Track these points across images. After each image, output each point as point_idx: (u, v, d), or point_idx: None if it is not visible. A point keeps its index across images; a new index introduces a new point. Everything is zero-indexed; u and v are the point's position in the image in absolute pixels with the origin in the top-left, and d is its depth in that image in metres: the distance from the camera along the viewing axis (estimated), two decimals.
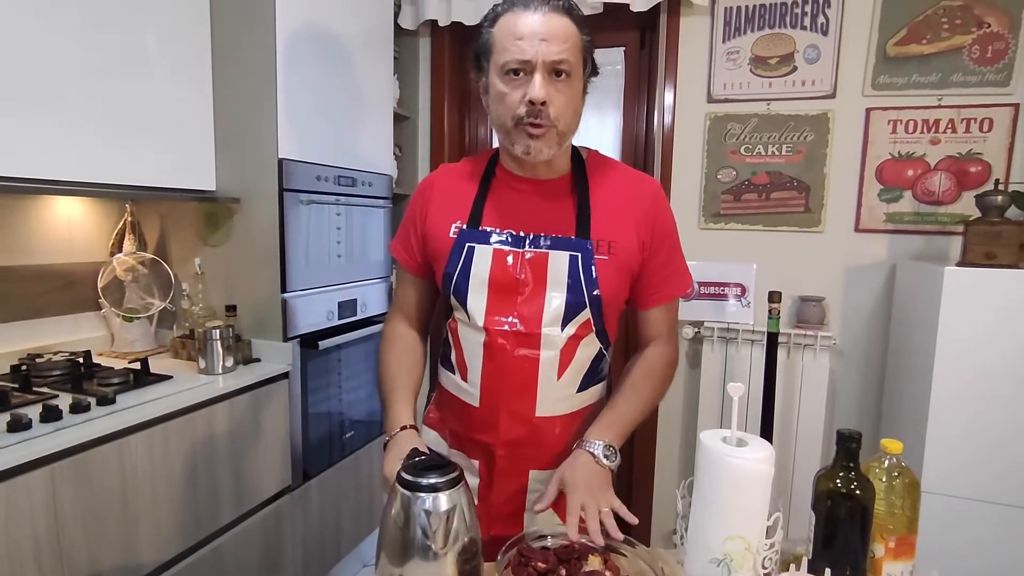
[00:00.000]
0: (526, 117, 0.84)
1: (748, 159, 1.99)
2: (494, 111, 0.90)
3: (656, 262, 0.95)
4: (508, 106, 0.86)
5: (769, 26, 1.93)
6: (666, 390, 1.00)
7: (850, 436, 0.78)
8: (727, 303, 2.02)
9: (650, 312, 0.98)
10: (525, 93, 0.83)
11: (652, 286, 0.96)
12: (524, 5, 0.84)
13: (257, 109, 1.59)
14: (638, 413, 0.95)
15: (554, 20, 0.83)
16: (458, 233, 0.94)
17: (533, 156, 0.87)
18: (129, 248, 1.70)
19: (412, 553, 0.67)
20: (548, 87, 0.83)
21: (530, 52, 0.82)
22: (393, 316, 1.09)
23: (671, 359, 1.00)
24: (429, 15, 2.18)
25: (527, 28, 0.82)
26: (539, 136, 0.86)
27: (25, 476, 1.03)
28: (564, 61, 0.83)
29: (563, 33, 0.83)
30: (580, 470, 0.86)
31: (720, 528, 0.76)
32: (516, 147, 0.88)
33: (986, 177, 1.77)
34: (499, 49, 0.85)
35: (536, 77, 0.83)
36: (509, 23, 0.84)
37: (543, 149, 0.87)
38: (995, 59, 1.74)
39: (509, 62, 0.84)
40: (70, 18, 1.29)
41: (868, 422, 1.94)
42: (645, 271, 0.95)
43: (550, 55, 0.82)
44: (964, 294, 1.47)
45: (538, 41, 0.82)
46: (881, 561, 0.79)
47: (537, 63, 0.82)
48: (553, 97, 0.84)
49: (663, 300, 0.98)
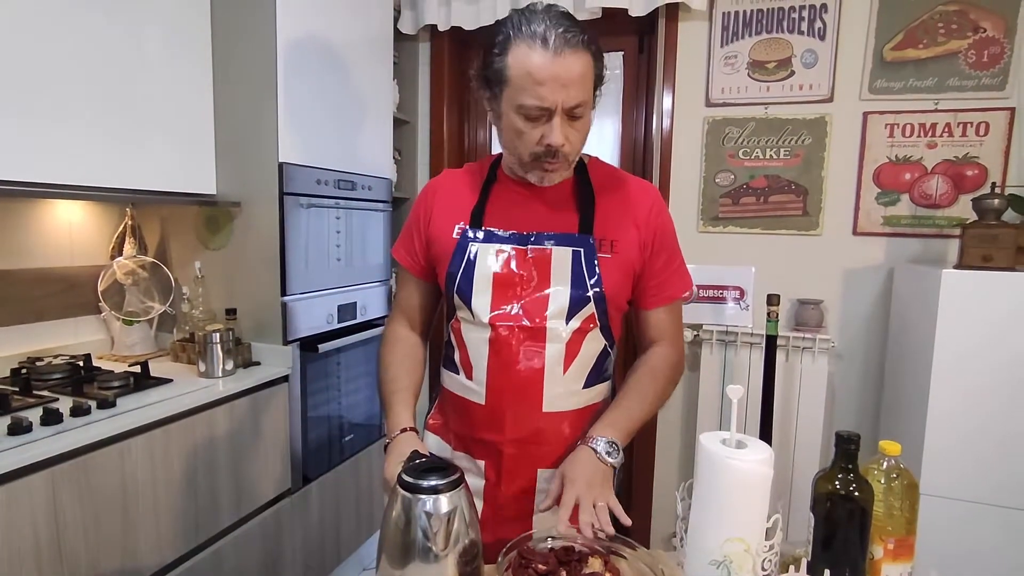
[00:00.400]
0: (543, 156, 0.87)
1: (746, 163, 2.00)
2: (508, 141, 0.90)
3: (657, 264, 0.96)
4: (525, 143, 0.87)
5: (767, 31, 1.94)
6: (671, 391, 1.00)
7: (849, 438, 0.78)
8: (726, 306, 2.03)
9: (653, 313, 0.99)
10: (543, 135, 0.85)
11: (653, 287, 0.97)
12: (543, 42, 0.80)
13: (258, 113, 1.60)
14: (643, 411, 0.95)
15: (573, 62, 0.81)
16: (461, 233, 0.95)
17: (546, 183, 0.92)
18: (129, 252, 1.70)
19: (413, 555, 0.67)
20: (566, 129, 0.85)
21: (550, 100, 0.81)
22: (394, 318, 1.09)
23: (676, 361, 1.00)
24: (428, 20, 2.19)
25: (547, 73, 0.80)
26: (554, 170, 0.90)
27: (25, 479, 1.04)
28: (582, 104, 0.84)
29: (582, 76, 0.82)
30: (580, 465, 0.86)
31: (720, 530, 0.76)
32: (530, 176, 0.92)
33: (983, 180, 1.78)
34: (516, 87, 0.83)
35: (555, 121, 0.83)
36: (526, 61, 0.81)
37: (556, 178, 0.92)
38: (991, 63, 1.75)
39: (528, 107, 0.82)
40: (71, 23, 1.29)
41: (867, 424, 1.95)
42: (646, 272, 0.96)
43: (570, 101, 0.82)
44: (961, 297, 1.48)
45: (558, 87, 0.80)
46: (880, 563, 0.79)
47: (556, 109, 0.82)
48: (570, 137, 0.86)
49: (665, 301, 0.98)
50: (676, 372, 1.01)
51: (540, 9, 0.84)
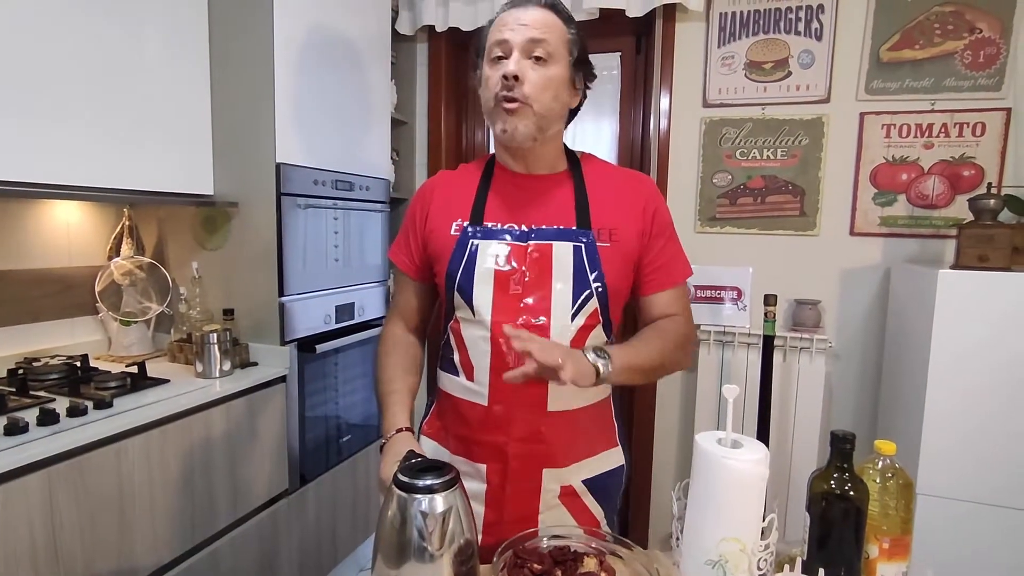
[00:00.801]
0: (501, 92, 0.89)
1: (743, 163, 2.01)
2: (482, 98, 0.94)
3: (655, 249, 0.96)
4: (489, 87, 0.91)
5: (763, 31, 1.94)
6: (679, 357, 0.95)
7: (844, 437, 0.79)
8: (723, 306, 2.03)
9: (657, 296, 0.97)
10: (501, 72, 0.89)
11: (654, 272, 0.96)
12: (515, 4, 0.92)
13: (255, 114, 1.60)
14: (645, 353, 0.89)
15: (537, 11, 0.90)
16: (460, 231, 0.95)
17: (510, 134, 0.90)
18: (127, 252, 1.70)
19: (409, 555, 0.67)
20: (523, 65, 0.88)
21: (508, 34, 0.89)
22: (391, 320, 1.09)
23: (686, 330, 0.96)
24: (426, 21, 2.19)
25: (512, 18, 0.90)
26: (513, 112, 0.89)
27: (22, 479, 1.03)
28: (541, 43, 0.88)
29: (543, 21, 0.90)
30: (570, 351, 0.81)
31: (715, 529, 0.76)
32: (496, 126, 0.92)
33: (979, 181, 1.79)
34: (488, 43, 0.92)
35: (513, 55, 0.88)
36: (499, 19, 0.92)
37: (518, 126, 0.90)
38: (987, 64, 1.76)
39: (492, 46, 0.91)
40: (69, 23, 1.29)
41: (864, 424, 1.95)
42: (645, 258, 0.96)
43: (527, 35, 0.88)
44: (958, 297, 1.48)
45: (518, 26, 0.89)
46: (875, 562, 0.79)
47: (514, 43, 0.88)
48: (527, 74, 0.88)
49: (668, 285, 0.97)
50: (685, 340, 0.96)
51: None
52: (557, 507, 0.94)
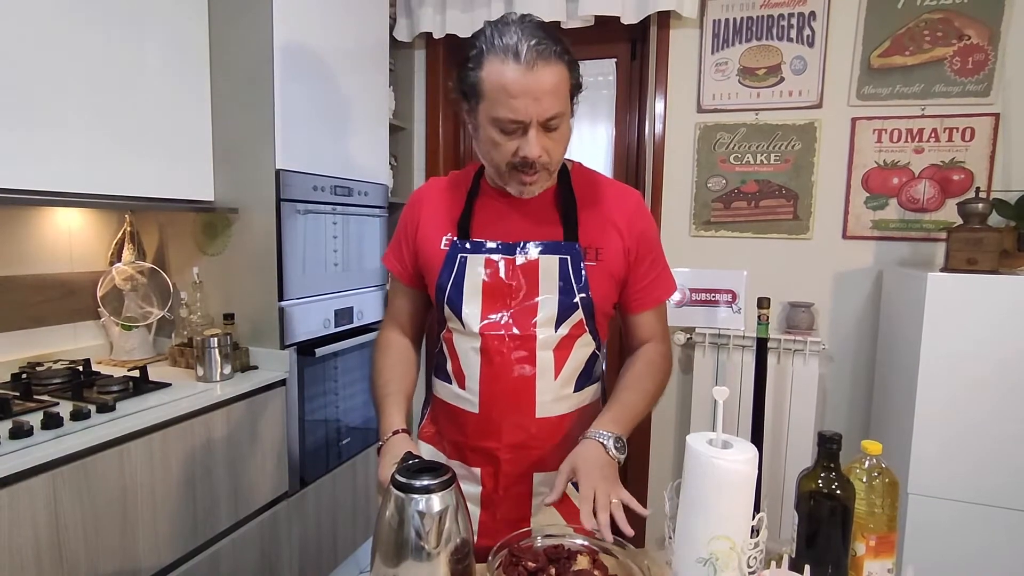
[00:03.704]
0: (520, 167, 0.87)
1: (737, 168, 2.03)
2: (486, 153, 0.90)
3: (641, 269, 0.98)
4: (502, 155, 0.87)
5: (756, 38, 1.97)
6: (665, 384, 1.01)
7: (831, 437, 0.80)
8: (718, 309, 2.05)
9: (640, 316, 1.01)
10: (519, 147, 0.85)
11: (640, 291, 0.99)
12: (515, 55, 0.80)
13: (255, 121, 1.62)
14: (643, 404, 0.96)
15: (547, 75, 0.81)
16: (450, 245, 0.96)
17: (527, 196, 0.92)
18: (128, 258, 1.72)
19: (406, 554, 0.69)
20: (543, 140, 0.85)
21: (523, 113, 0.81)
22: (386, 324, 1.10)
23: (667, 355, 1.02)
24: (424, 28, 2.21)
25: (520, 87, 0.80)
26: (533, 183, 0.90)
27: (27, 482, 1.05)
28: (557, 115, 0.84)
29: (555, 86, 0.82)
30: (592, 459, 0.85)
31: (706, 528, 0.78)
32: (510, 188, 0.92)
33: (969, 185, 1.81)
34: (490, 101, 0.83)
35: (531, 134, 0.83)
36: (499, 75, 0.81)
37: (536, 190, 0.92)
38: (975, 70, 1.79)
39: (502, 120, 0.83)
40: (69, 31, 1.31)
41: (857, 425, 1.97)
42: (632, 277, 0.97)
43: (544, 114, 0.82)
44: (947, 299, 1.50)
45: (531, 101, 0.80)
46: (862, 559, 0.81)
47: (531, 122, 0.82)
48: (547, 147, 0.86)
49: (651, 304, 1.00)
50: (669, 367, 1.03)
51: (514, 20, 0.83)
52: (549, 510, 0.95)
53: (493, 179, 0.98)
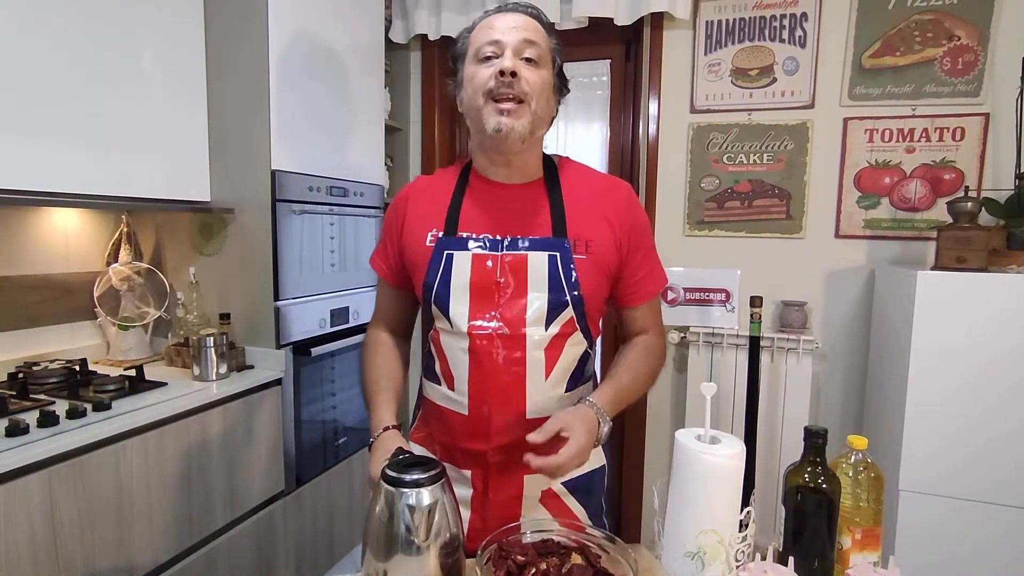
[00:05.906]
0: (496, 89, 0.87)
1: (731, 168, 2.04)
2: (466, 96, 0.93)
3: (634, 262, 0.97)
4: (478, 83, 0.89)
5: (749, 39, 1.98)
6: (658, 373, 1.02)
7: (816, 432, 0.82)
8: (712, 308, 2.06)
9: (635, 310, 1.01)
10: (495, 67, 0.88)
11: (634, 285, 0.98)
12: (498, 10, 0.93)
13: (251, 121, 1.63)
14: (636, 387, 0.97)
15: (525, 18, 0.92)
16: (435, 241, 0.95)
17: (504, 133, 0.87)
18: (125, 258, 1.72)
19: (396, 548, 0.69)
20: (518, 62, 0.88)
21: (499, 32, 0.89)
22: (374, 324, 1.10)
23: (662, 345, 1.03)
24: (419, 30, 2.23)
25: (501, 22, 0.91)
26: (510, 112, 0.87)
27: (23, 480, 1.06)
28: (534, 45, 0.90)
29: (533, 26, 0.92)
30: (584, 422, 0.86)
31: (694, 522, 0.79)
32: (488, 124, 0.88)
33: (959, 184, 1.83)
34: (474, 43, 0.92)
35: (507, 53, 0.88)
36: (484, 23, 0.93)
37: (514, 125, 0.87)
38: (965, 71, 1.80)
39: (482, 46, 0.90)
40: (67, 34, 1.32)
41: (850, 423, 1.98)
42: (625, 270, 0.97)
43: (520, 36, 0.89)
44: (937, 297, 1.51)
45: (509, 28, 0.90)
46: (848, 553, 0.82)
47: (507, 43, 0.89)
48: (523, 71, 0.88)
49: (645, 298, 1.00)
50: (663, 356, 1.04)
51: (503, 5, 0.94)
52: (538, 509, 0.95)
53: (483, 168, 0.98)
